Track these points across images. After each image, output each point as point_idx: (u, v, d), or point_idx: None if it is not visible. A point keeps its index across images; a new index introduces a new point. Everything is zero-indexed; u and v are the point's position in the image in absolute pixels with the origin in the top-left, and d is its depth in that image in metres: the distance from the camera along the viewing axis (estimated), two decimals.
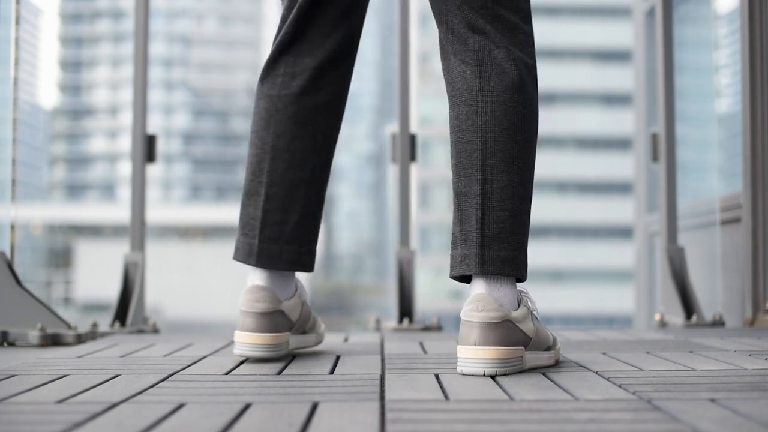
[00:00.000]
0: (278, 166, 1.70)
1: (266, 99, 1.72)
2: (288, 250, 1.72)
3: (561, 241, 41.17)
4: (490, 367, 1.44)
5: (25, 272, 28.77)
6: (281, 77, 1.71)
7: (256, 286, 1.70)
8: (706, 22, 4.04)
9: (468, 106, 1.53)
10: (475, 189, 1.50)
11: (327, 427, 1.03)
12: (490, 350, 1.44)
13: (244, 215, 1.73)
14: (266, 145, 1.71)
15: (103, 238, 43.57)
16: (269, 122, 1.71)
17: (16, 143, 2.67)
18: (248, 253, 1.71)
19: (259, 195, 1.71)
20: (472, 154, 1.51)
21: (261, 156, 1.71)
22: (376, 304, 34.98)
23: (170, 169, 54.88)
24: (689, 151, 4.07)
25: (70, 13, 56.40)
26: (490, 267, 1.49)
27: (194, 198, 54.91)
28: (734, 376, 1.42)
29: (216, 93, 55.60)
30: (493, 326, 1.45)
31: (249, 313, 1.68)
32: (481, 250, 1.49)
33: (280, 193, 1.71)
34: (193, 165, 55.51)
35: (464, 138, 1.52)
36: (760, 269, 2.75)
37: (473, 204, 1.50)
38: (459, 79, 1.55)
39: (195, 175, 55.50)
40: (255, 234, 1.71)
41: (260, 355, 1.66)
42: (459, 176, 1.53)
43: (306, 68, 1.71)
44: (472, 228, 1.50)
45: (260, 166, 1.71)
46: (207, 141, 55.84)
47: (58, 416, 1.10)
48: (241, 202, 1.75)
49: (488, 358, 1.44)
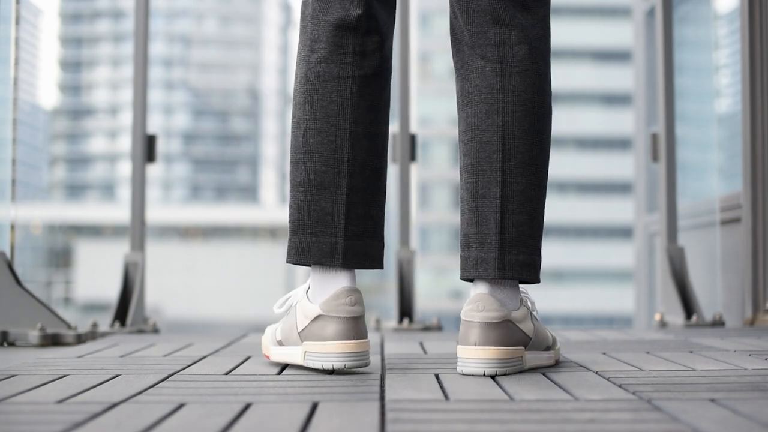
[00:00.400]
0: (359, 155, 1.53)
1: (337, 81, 1.53)
2: (373, 246, 1.55)
3: (561, 241, 41.15)
4: (490, 367, 1.44)
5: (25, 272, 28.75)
6: (351, 56, 1.54)
7: (351, 288, 1.50)
8: (706, 22, 4.04)
9: (488, 104, 1.51)
10: (495, 191, 1.50)
11: (327, 427, 1.03)
12: (491, 350, 1.44)
13: (316, 211, 1.52)
14: (343, 131, 1.52)
15: (103, 238, 43.57)
16: (344, 106, 1.52)
17: (16, 143, 2.67)
18: (329, 252, 1.51)
19: (337, 187, 1.52)
20: (492, 155, 1.50)
21: (337, 143, 1.52)
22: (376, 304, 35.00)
23: (170, 169, 54.88)
24: (689, 151, 4.07)
25: (70, 13, 56.40)
26: (509, 272, 1.50)
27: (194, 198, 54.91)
28: (734, 376, 1.42)
29: (216, 93, 55.59)
30: (493, 326, 1.45)
31: (345, 319, 1.47)
32: (501, 254, 1.49)
33: (363, 185, 1.53)
34: (193, 165, 55.51)
35: (483, 138, 1.51)
36: (760, 269, 2.75)
37: (492, 206, 1.50)
38: (477, 75, 1.53)
39: (195, 175, 55.50)
40: (338, 231, 1.51)
41: (356, 364, 1.47)
42: (476, 176, 1.52)
43: (375, 48, 1.55)
44: (491, 231, 1.50)
45: (336, 155, 1.52)
46: (207, 141, 55.84)
47: (58, 416, 1.10)
48: (301, 197, 1.54)
49: (488, 358, 1.44)
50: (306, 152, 1.53)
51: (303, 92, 1.55)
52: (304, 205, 1.53)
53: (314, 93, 1.54)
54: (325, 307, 1.48)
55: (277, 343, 1.60)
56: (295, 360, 1.53)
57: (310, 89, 1.54)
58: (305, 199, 1.53)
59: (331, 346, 1.46)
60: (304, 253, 1.53)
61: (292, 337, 1.54)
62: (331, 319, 1.47)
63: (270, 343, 1.62)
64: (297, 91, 1.57)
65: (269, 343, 1.63)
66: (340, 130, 1.53)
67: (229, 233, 45.29)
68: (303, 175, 1.54)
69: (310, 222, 1.53)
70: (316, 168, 1.53)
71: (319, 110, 1.53)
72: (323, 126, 1.53)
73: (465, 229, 1.54)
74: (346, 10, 1.54)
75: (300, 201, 1.54)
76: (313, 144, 1.53)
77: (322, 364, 1.47)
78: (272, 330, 1.64)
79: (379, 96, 1.56)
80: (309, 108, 1.54)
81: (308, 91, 1.54)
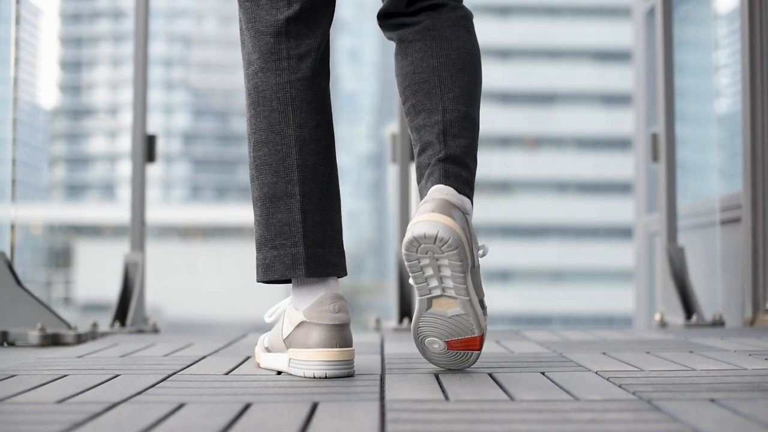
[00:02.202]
0: (308, 160, 1.50)
1: (276, 88, 1.51)
2: (333, 254, 1.51)
3: (561, 241, 41.15)
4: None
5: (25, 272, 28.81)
6: (286, 61, 1.52)
7: (335, 294, 1.47)
8: (706, 22, 4.04)
9: (422, 52, 1.56)
10: (436, 118, 1.53)
11: (327, 427, 1.03)
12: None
13: (273, 224, 1.50)
14: (288, 138, 1.50)
15: (103, 238, 43.57)
16: (286, 112, 1.50)
17: (16, 143, 2.67)
18: (291, 264, 1.48)
19: (291, 196, 1.49)
20: (431, 91, 1.54)
21: (284, 152, 1.49)
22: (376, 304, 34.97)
23: (170, 169, 54.87)
24: (689, 151, 4.06)
25: (70, 13, 56.39)
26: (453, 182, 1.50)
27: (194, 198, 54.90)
28: (734, 376, 1.42)
29: (216, 93, 55.58)
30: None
31: (329, 327, 1.45)
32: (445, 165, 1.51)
33: (316, 189, 1.50)
34: (193, 165, 55.50)
35: (420, 79, 1.55)
36: (760, 269, 2.75)
37: (435, 131, 1.52)
38: (411, 34, 1.58)
39: (195, 175, 55.49)
40: (297, 241, 1.48)
41: (338, 373, 1.45)
42: (417, 113, 1.54)
43: (310, 49, 1.53)
44: (435, 151, 1.51)
45: (285, 164, 1.49)
46: (207, 141, 55.83)
47: (58, 416, 1.10)
48: (259, 212, 1.52)
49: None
50: (257, 166, 1.52)
51: (248, 106, 1.54)
52: (263, 220, 1.51)
53: (257, 105, 1.52)
54: (309, 313, 1.46)
55: (265, 350, 1.59)
56: (281, 367, 1.53)
57: (252, 102, 1.53)
58: (262, 214, 1.51)
59: (314, 353, 1.44)
60: (269, 269, 1.50)
61: (278, 345, 1.54)
62: (314, 326, 1.45)
63: (260, 350, 1.62)
64: (245, 107, 1.55)
65: (259, 350, 1.63)
66: (285, 137, 1.50)
67: (229, 233, 45.29)
68: (258, 190, 1.52)
69: (269, 236, 1.50)
70: (267, 180, 1.51)
71: (263, 121, 1.51)
72: (269, 136, 1.51)
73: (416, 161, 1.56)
74: (273, 15, 1.52)
75: (258, 216, 1.52)
76: (262, 156, 1.51)
77: (304, 372, 1.45)
78: (262, 338, 1.64)
79: (321, 97, 1.54)
80: (254, 121, 1.53)
81: (251, 105, 1.53)
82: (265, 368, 1.59)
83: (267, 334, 1.64)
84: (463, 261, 1.40)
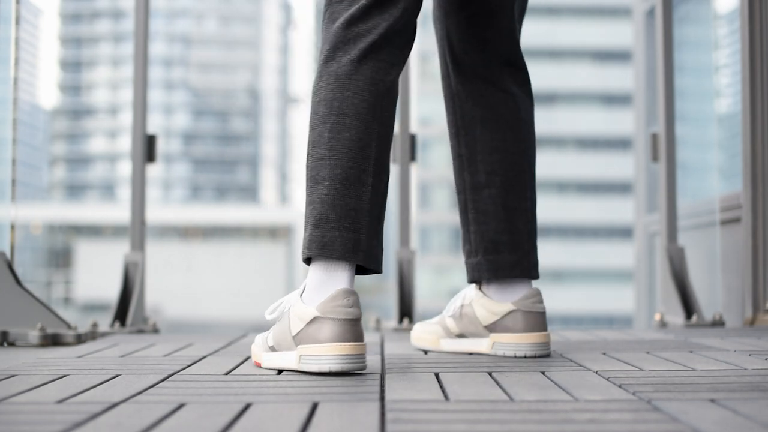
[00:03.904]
0: (382, 157, 1.56)
1: (371, 82, 1.55)
2: (380, 251, 1.57)
3: (561, 241, 41.15)
4: (548, 349, 1.75)
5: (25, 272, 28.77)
6: (384, 63, 1.58)
7: (349, 290, 1.49)
8: (706, 22, 4.04)
9: (513, 131, 1.80)
10: (525, 205, 1.80)
11: (327, 427, 1.03)
12: (545, 335, 1.76)
13: (341, 206, 1.51)
14: (372, 131, 1.54)
15: (103, 238, 43.58)
16: (375, 107, 1.55)
17: (16, 143, 2.67)
18: (352, 249, 1.51)
19: (363, 184, 1.52)
20: (521, 175, 1.80)
21: (365, 141, 1.53)
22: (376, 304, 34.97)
23: (170, 169, 54.88)
24: (689, 151, 4.06)
25: (70, 13, 56.40)
26: (535, 272, 1.80)
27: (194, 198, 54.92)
28: (734, 376, 1.42)
29: (216, 93, 55.59)
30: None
31: (343, 321, 1.46)
32: (530, 257, 1.79)
33: (380, 186, 1.56)
34: (193, 165, 55.50)
35: (513, 159, 1.79)
36: (760, 269, 2.75)
37: (524, 218, 1.80)
38: (501, 104, 1.80)
39: (195, 175, 55.50)
40: (360, 228, 1.52)
41: (353, 367, 1.46)
42: (508, 192, 1.79)
43: (402, 60, 1.62)
44: (523, 239, 1.79)
45: (364, 153, 1.53)
46: (207, 141, 55.84)
47: (58, 416, 1.10)
48: (325, 191, 1.53)
49: (547, 342, 1.75)
50: (332, 147, 1.53)
51: (332, 89, 1.55)
52: (328, 199, 1.52)
53: (345, 90, 1.55)
54: (322, 308, 1.46)
55: (269, 349, 1.58)
56: (290, 365, 1.52)
57: (340, 86, 1.55)
58: (329, 193, 1.52)
59: (328, 348, 1.45)
60: (327, 247, 1.51)
61: (285, 342, 1.53)
62: (327, 321, 1.46)
63: (261, 350, 1.60)
64: (322, 89, 1.57)
65: (260, 351, 1.61)
66: (370, 129, 1.54)
67: (229, 233, 45.30)
68: (329, 170, 1.53)
69: (334, 216, 1.51)
70: (342, 163, 1.52)
71: (350, 107, 1.54)
72: (353, 123, 1.54)
73: (492, 236, 1.79)
74: (395, 21, 1.59)
75: (324, 195, 1.53)
76: (341, 140, 1.53)
77: (319, 366, 1.45)
78: (263, 337, 1.62)
79: (395, 103, 1.61)
80: (338, 105, 1.55)
81: (338, 89, 1.55)
82: (268, 368, 1.58)
83: (264, 333, 1.63)
84: None
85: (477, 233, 1.80)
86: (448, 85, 1.85)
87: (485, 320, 1.77)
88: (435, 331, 1.87)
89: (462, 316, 1.82)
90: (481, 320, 1.77)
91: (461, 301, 1.84)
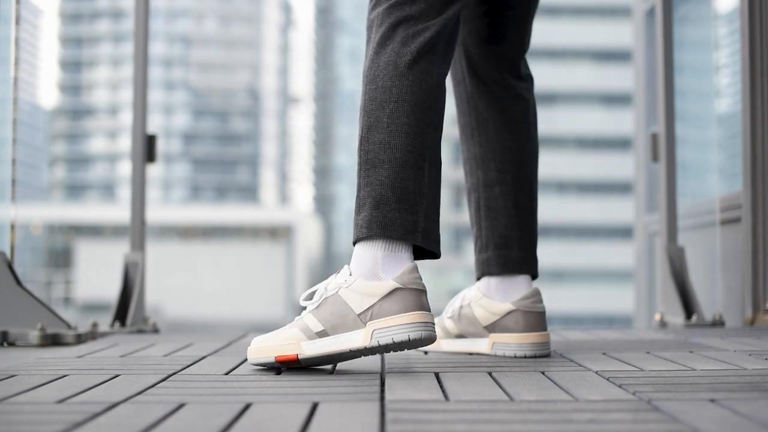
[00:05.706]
0: (435, 145, 1.62)
1: (427, 73, 1.61)
2: (438, 234, 1.62)
3: (561, 241, 41.17)
4: (548, 349, 1.77)
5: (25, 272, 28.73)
6: (438, 57, 1.65)
7: (416, 265, 1.55)
8: (706, 22, 4.04)
9: (523, 134, 1.89)
10: (531, 205, 1.88)
11: (327, 427, 1.03)
12: (546, 335, 1.78)
13: (400, 188, 1.56)
14: (428, 119, 1.60)
15: (103, 238, 43.60)
16: (432, 96, 1.61)
17: (16, 143, 2.67)
18: (411, 230, 1.56)
19: (420, 169, 1.58)
20: (531, 176, 1.89)
21: (422, 128, 1.59)
22: None
23: (170, 169, 54.91)
24: (689, 151, 4.06)
25: (70, 13, 56.42)
26: (536, 270, 1.86)
27: (194, 198, 54.94)
28: (734, 376, 1.42)
29: (216, 93, 55.61)
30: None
31: (423, 292, 1.52)
32: (534, 254, 1.86)
33: (433, 174, 1.61)
34: (193, 165, 55.53)
35: (523, 159, 1.88)
36: (760, 269, 2.75)
37: (530, 217, 1.87)
38: (516, 108, 1.89)
39: (195, 175, 55.52)
40: (417, 210, 1.57)
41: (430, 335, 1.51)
42: (518, 190, 1.86)
43: (451, 57, 1.70)
44: (530, 236, 1.86)
45: (421, 140, 1.59)
46: (207, 141, 55.86)
47: (58, 416, 1.10)
48: (385, 174, 1.57)
49: (547, 341, 1.77)
50: (391, 132, 1.58)
51: (392, 77, 1.60)
52: (388, 181, 1.56)
53: (403, 78, 1.60)
54: (402, 280, 1.50)
55: (316, 336, 1.51)
56: (353, 344, 1.49)
57: (399, 74, 1.60)
58: (389, 176, 1.57)
59: (415, 316, 1.48)
60: (388, 228, 1.54)
61: (345, 323, 1.50)
62: (410, 292, 1.50)
63: (300, 340, 1.53)
64: (380, 76, 1.60)
65: (297, 340, 1.52)
66: (427, 116, 1.60)
67: (229, 233, 45.32)
68: (389, 153, 1.57)
69: (393, 198, 1.56)
70: (403, 147, 1.57)
71: (410, 95, 1.59)
72: (413, 110, 1.59)
73: (503, 231, 1.84)
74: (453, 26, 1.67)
75: (384, 177, 1.57)
76: (400, 125, 1.58)
77: (408, 334, 1.47)
78: (285, 332, 1.55)
79: (445, 95, 1.67)
80: (397, 92, 1.59)
81: (397, 76, 1.60)
82: (311, 356, 1.51)
83: (287, 327, 1.56)
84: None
85: (488, 229, 1.86)
86: (464, 89, 1.92)
87: (485, 320, 1.80)
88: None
89: (461, 317, 1.85)
90: (481, 321, 1.80)
91: (460, 302, 1.87)
